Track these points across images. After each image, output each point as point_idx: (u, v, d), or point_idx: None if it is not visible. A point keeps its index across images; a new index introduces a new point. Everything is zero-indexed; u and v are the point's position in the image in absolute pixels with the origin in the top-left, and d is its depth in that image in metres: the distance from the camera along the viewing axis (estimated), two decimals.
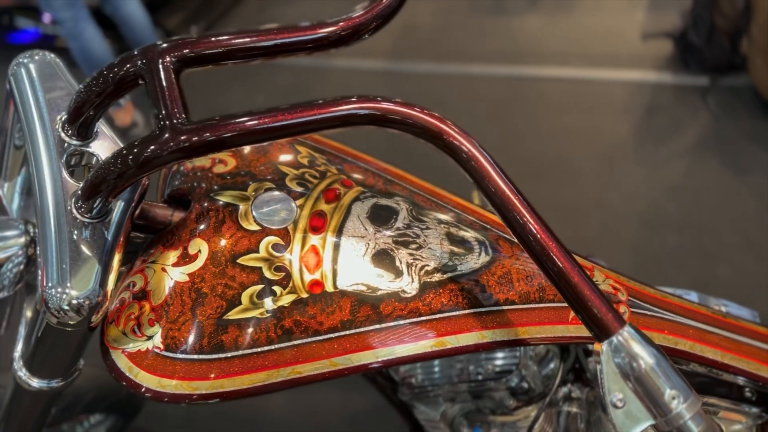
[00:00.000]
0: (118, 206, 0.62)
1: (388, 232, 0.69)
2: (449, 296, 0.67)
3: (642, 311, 0.76)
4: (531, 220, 0.58)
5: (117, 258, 0.60)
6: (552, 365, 0.93)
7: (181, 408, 1.57)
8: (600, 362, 0.56)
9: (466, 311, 0.67)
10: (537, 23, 3.33)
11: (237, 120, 0.53)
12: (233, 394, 0.61)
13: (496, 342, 0.68)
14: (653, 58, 2.91)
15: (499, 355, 0.92)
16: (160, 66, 0.57)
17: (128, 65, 0.58)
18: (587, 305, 0.56)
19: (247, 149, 0.73)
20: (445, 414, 0.97)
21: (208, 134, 0.53)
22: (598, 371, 0.57)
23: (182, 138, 0.53)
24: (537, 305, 0.70)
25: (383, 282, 0.66)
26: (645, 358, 0.55)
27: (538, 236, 0.57)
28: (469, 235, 0.72)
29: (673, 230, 2.10)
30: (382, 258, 0.67)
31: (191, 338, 0.61)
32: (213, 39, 0.60)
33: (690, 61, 2.76)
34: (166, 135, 0.53)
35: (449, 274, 0.68)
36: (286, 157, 0.73)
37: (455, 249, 0.70)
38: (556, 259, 0.57)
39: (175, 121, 0.54)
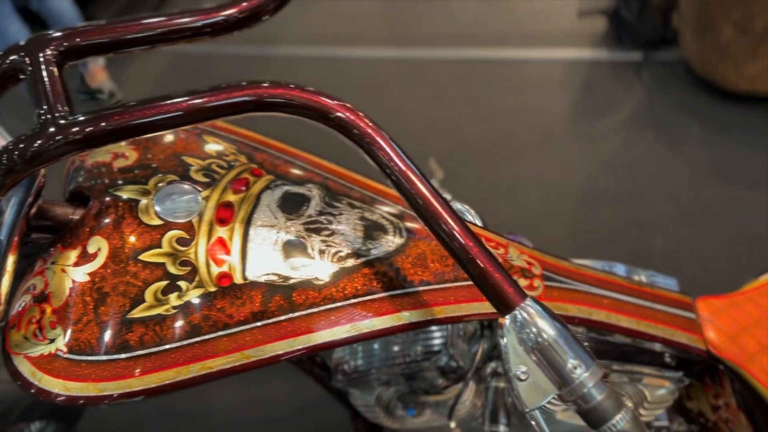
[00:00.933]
0: (11, 206, 0.60)
1: (300, 220, 0.68)
2: (364, 281, 0.67)
3: (557, 284, 0.77)
4: (430, 198, 0.57)
5: (11, 260, 0.58)
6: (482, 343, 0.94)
7: (126, 408, 1.54)
8: (503, 336, 0.57)
9: (382, 294, 0.67)
10: (476, 6, 3.35)
11: (118, 111, 0.52)
12: (142, 393, 0.60)
13: (413, 323, 0.68)
14: (589, 36, 2.96)
15: (427, 335, 0.93)
16: (41, 59, 0.54)
17: (9, 59, 0.55)
18: (488, 281, 0.57)
19: (150, 141, 0.71)
20: (380, 397, 0.97)
21: (91, 127, 0.52)
22: (502, 346, 0.57)
23: (68, 131, 0.52)
24: (452, 284, 0.71)
25: (295, 270, 0.65)
26: (547, 330, 0.56)
27: (437, 214, 0.57)
28: (383, 218, 0.72)
29: (610, 203, 2.15)
30: (294, 246, 0.66)
31: (95, 339, 0.59)
32: (101, 27, 0.57)
33: (623, 37, 2.82)
34: (51, 129, 0.52)
35: (363, 259, 0.68)
36: (192, 148, 0.71)
37: (369, 233, 0.70)
38: (457, 236, 0.57)
39: (57, 115, 0.52)
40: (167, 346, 0.60)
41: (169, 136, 0.72)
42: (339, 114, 0.57)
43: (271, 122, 0.62)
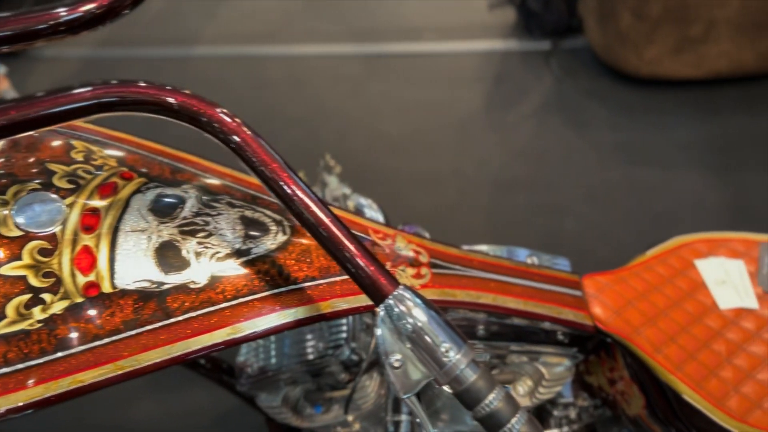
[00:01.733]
0: None
1: (173, 223, 0.66)
2: (245, 281, 0.66)
3: (445, 271, 0.78)
4: (298, 192, 0.57)
5: None
6: None
7: (29, 419, 1.47)
8: (378, 326, 0.57)
9: (264, 294, 0.66)
10: (391, 1, 3.36)
11: None
12: (9, 412, 0.57)
13: (299, 320, 0.67)
14: (499, 27, 3.02)
15: (330, 330, 0.93)
16: None
17: None
18: (360, 272, 0.57)
19: (13, 149, 0.67)
20: (287, 397, 0.96)
21: None
22: (377, 336, 0.58)
23: None
24: (338, 278, 0.70)
25: (169, 275, 0.63)
26: (419, 316, 0.56)
27: (305, 207, 0.57)
28: (265, 216, 0.71)
29: (523, 190, 2.21)
30: (167, 250, 0.64)
31: None
32: None
33: (532, 28, 2.89)
34: None
35: (244, 259, 0.67)
36: (57, 154, 0.68)
37: (250, 232, 0.69)
38: (325, 228, 0.57)
39: None
40: (33, 362, 0.57)
41: (33, 142, 0.68)
42: (202, 112, 0.56)
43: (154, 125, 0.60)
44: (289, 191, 0.57)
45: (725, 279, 0.99)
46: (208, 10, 3.57)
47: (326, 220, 0.57)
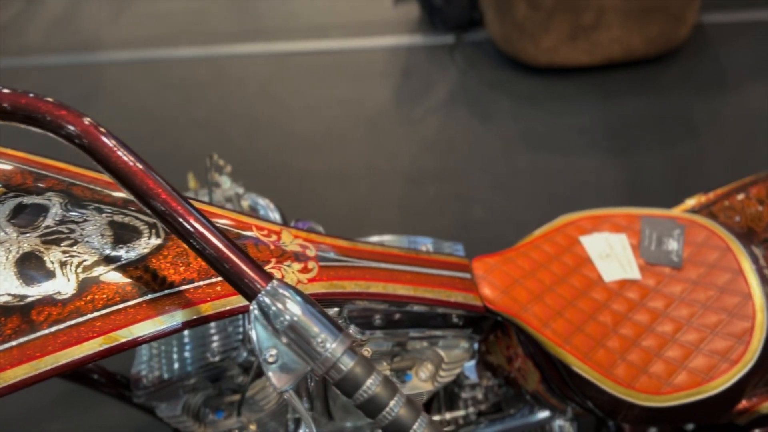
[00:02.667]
0: None
1: (36, 233, 0.63)
2: (116, 288, 0.64)
3: (333, 263, 0.78)
4: (160, 192, 0.55)
5: None
6: None
7: None
8: (251, 323, 0.57)
9: (138, 300, 0.64)
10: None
11: None
12: None
13: (180, 325, 0.66)
14: (405, 23, 3.06)
15: (225, 332, 0.91)
16: None
17: None
18: (230, 270, 0.56)
19: None
20: (187, 405, 0.94)
21: None
22: (250, 333, 0.57)
23: None
24: (219, 278, 0.69)
25: (32, 288, 0.60)
26: (292, 309, 0.56)
27: (169, 206, 0.55)
28: (137, 220, 0.69)
29: (434, 181, 2.25)
30: (29, 261, 0.61)
31: None
32: None
33: (436, 22, 2.94)
34: None
35: (114, 265, 0.64)
36: None
37: (120, 237, 0.66)
38: (192, 225, 0.56)
39: None
40: None
41: None
42: (51, 118, 0.54)
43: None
44: (143, 187, 0.55)
45: (609, 253, 1.04)
46: (109, 14, 3.43)
47: (189, 218, 0.56)
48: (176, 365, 0.92)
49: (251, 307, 0.57)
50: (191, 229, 0.56)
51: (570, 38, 2.43)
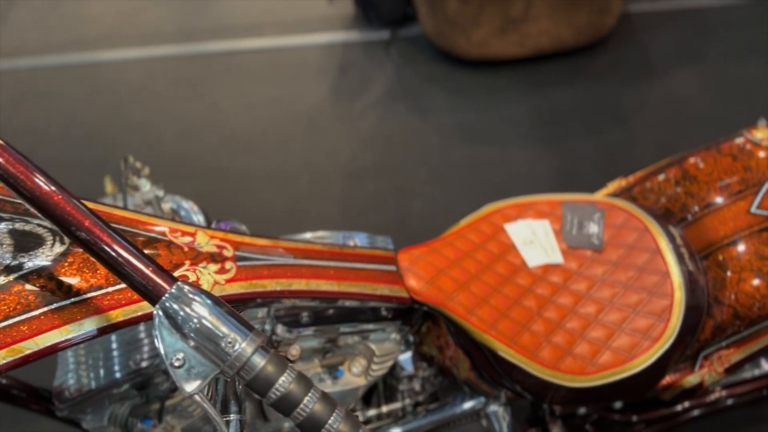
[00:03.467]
0: None
1: None
2: (17, 299, 0.61)
3: (252, 262, 0.77)
4: (52, 193, 0.53)
5: None
6: None
7: None
8: (155, 327, 0.55)
9: (42, 310, 0.62)
10: None
11: None
12: None
13: (89, 333, 0.64)
14: (340, 19, 3.05)
15: (149, 339, 0.89)
16: None
17: None
18: (131, 274, 0.55)
19: None
20: (114, 416, 0.91)
21: None
22: (155, 337, 0.56)
23: None
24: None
25: None
26: (198, 311, 0.55)
27: (60, 209, 0.53)
28: (40, 227, 0.66)
29: (373, 176, 2.25)
30: None
31: None
32: None
33: (371, 18, 2.94)
34: None
35: (15, 275, 0.62)
36: None
37: (22, 245, 0.64)
38: (89, 231, 0.54)
39: None
40: None
41: None
42: None
43: None
44: (35, 192, 0.53)
45: (532, 239, 1.06)
46: (35, 18, 3.30)
47: (84, 222, 0.54)
48: (101, 374, 0.89)
49: (155, 312, 0.55)
50: (86, 234, 0.54)
51: (500, 31, 2.47)
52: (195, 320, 0.55)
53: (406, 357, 1.12)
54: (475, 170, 2.22)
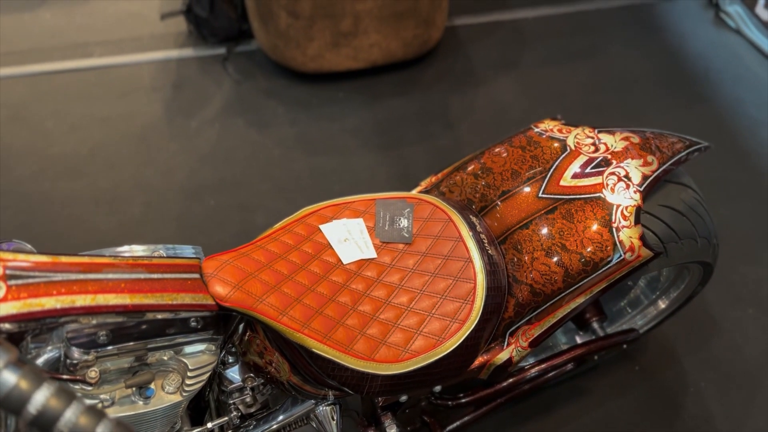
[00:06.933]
0: None
1: None
2: None
3: (28, 281, 0.72)
4: None
5: None
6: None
7: None
8: None
9: None
10: (50, 17, 3.07)
11: None
12: None
13: None
14: (174, 36, 2.96)
15: None
16: None
17: None
18: None
19: None
20: None
21: None
22: None
23: None
24: None
25: None
26: None
27: None
28: None
29: (213, 192, 2.20)
30: None
31: None
32: None
33: (205, 34, 2.88)
34: None
35: None
36: None
37: None
38: None
39: None
40: None
41: None
42: None
43: None
44: None
45: (348, 237, 1.09)
46: None
47: None
48: None
49: None
50: None
51: (332, 45, 2.53)
52: None
53: (233, 370, 1.10)
54: (318, 180, 2.24)
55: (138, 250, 0.98)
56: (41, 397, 0.53)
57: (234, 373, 1.10)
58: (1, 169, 2.28)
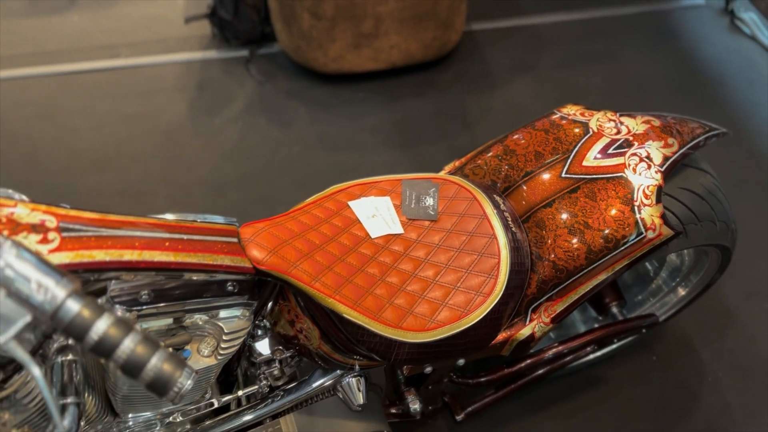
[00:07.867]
0: None
1: None
2: None
3: (78, 234, 0.76)
4: None
5: None
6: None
7: None
8: None
9: None
10: (78, 20, 3.16)
11: None
12: None
13: None
14: (198, 39, 3.03)
15: None
16: None
17: None
18: None
19: None
20: None
21: None
22: None
23: None
24: None
25: None
26: (5, 258, 0.54)
27: None
28: None
29: (235, 188, 2.25)
30: None
31: None
32: None
33: (228, 37, 2.95)
34: None
35: None
36: None
37: None
38: None
39: None
40: None
41: None
42: None
43: None
44: None
45: (375, 213, 1.12)
46: None
47: None
48: None
49: None
50: None
51: (354, 46, 2.58)
52: (2, 266, 0.54)
53: (262, 343, 1.13)
54: (337, 176, 2.29)
55: (170, 218, 1.02)
56: (103, 325, 0.57)
57: (263, 347, 1.14)
58: (31, 163, 2.34)
